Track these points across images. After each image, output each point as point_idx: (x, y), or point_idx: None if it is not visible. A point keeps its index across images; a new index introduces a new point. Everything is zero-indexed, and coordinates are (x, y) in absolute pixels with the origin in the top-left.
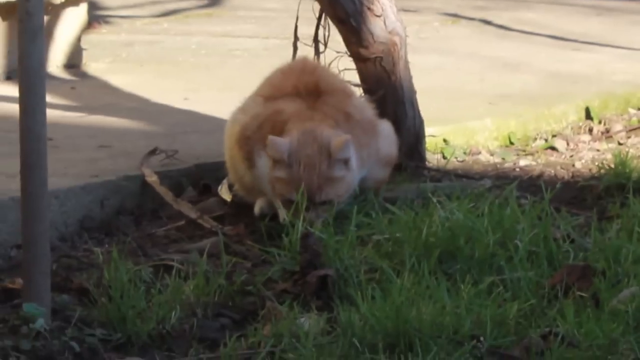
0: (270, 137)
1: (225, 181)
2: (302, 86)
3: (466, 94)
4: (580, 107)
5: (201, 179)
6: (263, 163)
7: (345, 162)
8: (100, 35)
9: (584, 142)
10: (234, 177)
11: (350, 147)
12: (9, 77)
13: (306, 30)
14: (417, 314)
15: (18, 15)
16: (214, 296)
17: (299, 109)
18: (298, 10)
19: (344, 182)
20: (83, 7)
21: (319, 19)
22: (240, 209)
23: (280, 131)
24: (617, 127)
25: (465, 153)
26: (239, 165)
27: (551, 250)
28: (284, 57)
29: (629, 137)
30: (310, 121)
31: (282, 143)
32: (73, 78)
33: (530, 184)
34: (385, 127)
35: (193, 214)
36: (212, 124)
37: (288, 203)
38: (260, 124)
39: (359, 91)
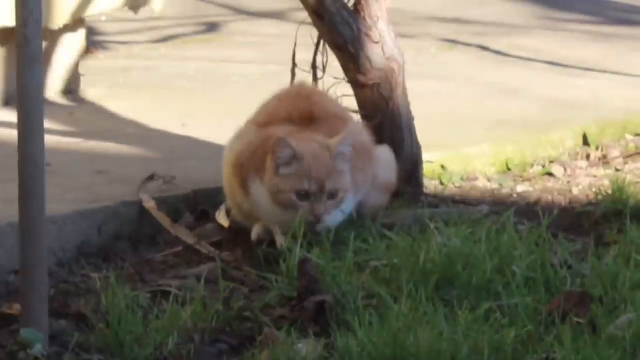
0: (279, 138)
1: (222, 207)
2: (296, 112)
3: (463, 120)
4: (577, 133)
5: (199, 205)
6: (256, 187)
7: (346, 157)
8: (98, 61)
9: (582, 168)
10: (232, 204)
11: (348, 141)
12: (7, 103)
13: (304, 57)
14: (414, 340)
15: (16, 41)
16: (211, 322)
17: (290, 133)
18: (296, 36)
19: (345, 176)
20: (81, 33)
21: (317, 45)
22: (237, 235)
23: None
24: (615, 153)
25: (462, 179)
26: (237, 193)
27: (549, 276)
28: (282, 83)
29: (626, 164)
30: (306, 138)
31: (288, 141)
32: (71, 104)
33: (528, 210)
34: (384, 153)
35: (191, 240)
36: (210, 150)
37: (296, 200)
38: (253, 151)
39: (357, 117)
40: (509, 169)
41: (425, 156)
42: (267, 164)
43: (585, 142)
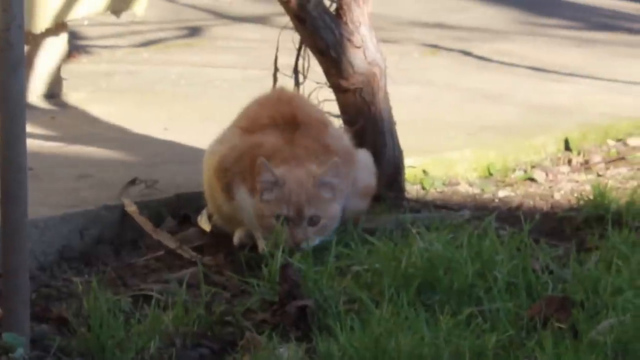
0: (261, 161)
1: (204, 211)
2: (280, 117)
3: (446, 125)
4: (559, 139)
5: (181, 209)
6: (242, 195)
7: (331, 187)
8: (81, 65)
9: (563, 173)
10: (213, 208)
11: (336, 171)
12: None
13: (286, 61)
14: (396, 344)
15: None
16: (193, 326)
17: (278, 143)
18: (278, 41)
19: (331, 205)
20: (63, 37)
21: (299, 49)
22: (219, 239)
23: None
24: (596, 158)
25: (444, 184)
26: (218, 196)
27: (530, 281)
28: (264, 87)
29: (607, 169)
30: (294, 159)
31: (268, 166)
32: (53, 108)
33: (509, 215)
34: (364, 157)
35: (172, 244)
36: (192, 154)
37: (276, 224)
38: (239, 157)
39: (338, 122)
40: (490, 174)
41: (407, 161)
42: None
43: (567, 147)
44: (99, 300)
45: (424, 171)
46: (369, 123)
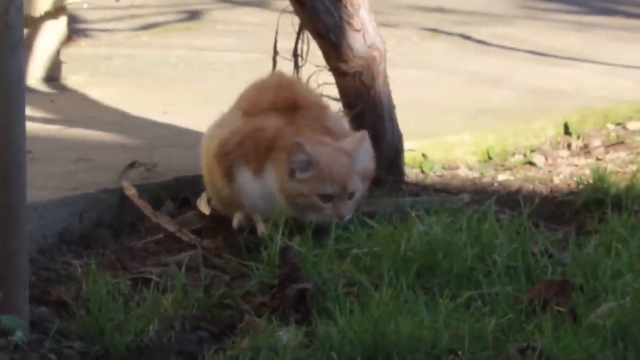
0: (296, 141)
1: (204, 195)
2: (280, 101)
3: (445, 108)
4: (558, 123)
5: (180, 192)
6: (245, 177)
7: (359, 160)
8: (80, 49)
9: (563, 157)
10: (212, 192)
11: (363, 146)
12: None
13: (285, 45)
14: (395, 327)
15: None
16: (192, 309)
17: (281, 125)
18: (278, 24)
19: (358, 178)
20: (63, 20)
21: (299, 33)
22: (218, 222)
23: (264, 148)
24: (596, 142)
25: (443, 168)
26: (218, 180)
27: (529, 265)
28: (263, 71)
29: (607, 153)
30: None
31: (303, 146)
32: (52, 91)
33: (509, 199)
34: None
35: (172, 227)
36: (191, 138)
37: (319, 202)
38: (241, 140)
39: (337, 105)
40: (490, 158)
41: (407, 144)
42: (280, 165)
43: (567, 131)
44: (98, 283)
45: (424, 155)
46: (368, 106)
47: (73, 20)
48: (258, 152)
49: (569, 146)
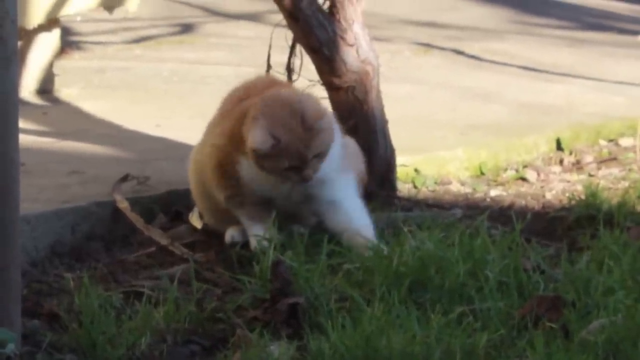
0: (250, 139)
1: (196, 208)
2: (260, 85)
3: (437, 123)
4: (551, 138)
5: (172, 205)
6: (245, 166)
7: (321, 117)
8: (73, 61)
9: (555, 173)
10: (205, 207)
11: (324, 110)
12: None
13: (279, 59)
14: (387, 343)
15: None
16: (184, 323)
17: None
18: (271, 38)
19: (325, 132)
20: (56, 33)
21: (292, 47)
22: (211, 236)
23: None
24: (588, 158)
25: (436, 183)
26: (217, 191)
27: (521, 280)
28: None
29: (599, 169)
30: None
31: (257, 133)
32: (45, 103)
33: (501, 215)
34: (352, 144)
35: (164, 241)
36: (183, 151)
37: (284, 175)
38: (229, 136)
39: None
40: (482, 173)
41: (399, 159)
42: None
43: (559, 147)
44: (90, 296)
45: (416, 170)
46: (361, 121)
47: (66, 32)
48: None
49: (561, 162)
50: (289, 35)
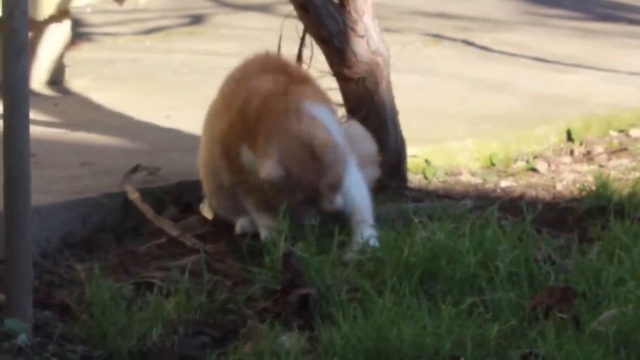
0: (262, 171)
1: (206, 199)
2: (270, 66)
3: (448, 114)
4: (561, 129)
5: (183, 196)
6: (248, 158)
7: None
8: (83, 53)
9: (565, 163)
10: (215, 195)
11: (334, 144)
12: None
13: (289, 50)
14: (398, 333)
15: (3, 32)
16: (195, 314)
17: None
18: (281, 29)
19: (336, 163)
20: (66, 24)
21: (302, 38)
22: (221, 227)
23: (253, 121)
24: (599, 149)
25: (446, 174)
26: (224, 177)
27: (532, 271)
28: None
29: (610, 160)
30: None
31: (270, 170)
32: (56, 95)
33: (512, 205)
34: (356, 128)
35: (174, 232)
36: (194, 142)
37: (299, 207)
38: (232, 126)
39: (341, 111)
40: (492, 164)
41: (410, 150)
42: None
43: (570, 137)
44: (101, 287)
45: (427, 161)
46: (371, 112)
47: (76, 24)
48: (249, 128)
49: (571, 153)
50: (299, 26)
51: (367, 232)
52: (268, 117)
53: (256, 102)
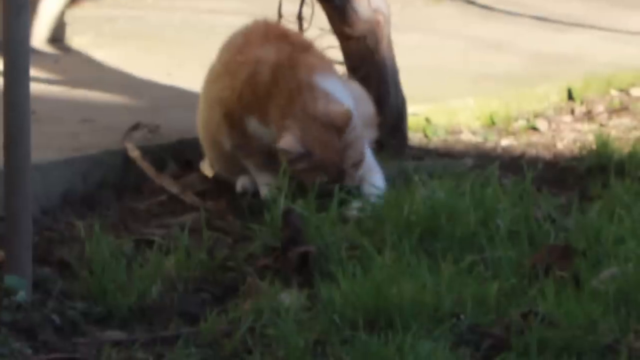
0: (282, 141)
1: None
2: (271, 35)
3: (449, 73)
4: (562, 88)
5: (183, 154)
6: (254, 127)
7: (353, 129)
8: (84, 10)
9: (566, 122)
10: (214, 155)
11: (352, 116)
12: None
13: (290, 8)
14: (397, 291)
15: None
16: (194, 271)
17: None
18: None
19: (357, 141)
20: None
21: None
22: (221, 185)
23: (264, 93)
24: (599, 108)
25: (447, 132)
26: (225, 139)
27: (532, 230)
28: None
29: (610, 119)
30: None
31: (290, 142)
32: (56, 52)
33: (512, 164)
34: (356, 89)
35: (175, 189)
36: (194, 100)
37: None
38: (239, 94)
39: (342, 69)
40: (493, 123)
41: (410, 109)
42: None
43: (570, 96)
44: (101, 244)
45: (427, 119)
46: (372, 70)
47: None
48: (260, 99)
49: (572, 112)
50: None
51: (367, 190)
52: (280, 93)
53: (265, 74)
